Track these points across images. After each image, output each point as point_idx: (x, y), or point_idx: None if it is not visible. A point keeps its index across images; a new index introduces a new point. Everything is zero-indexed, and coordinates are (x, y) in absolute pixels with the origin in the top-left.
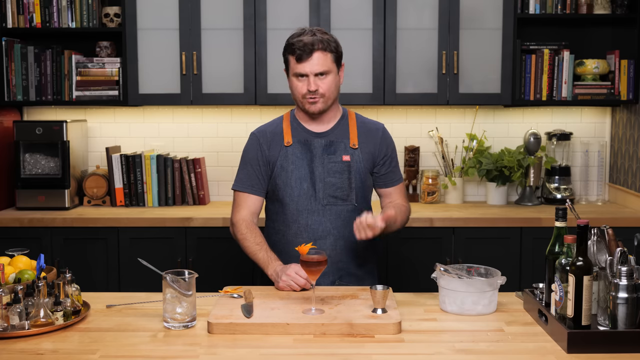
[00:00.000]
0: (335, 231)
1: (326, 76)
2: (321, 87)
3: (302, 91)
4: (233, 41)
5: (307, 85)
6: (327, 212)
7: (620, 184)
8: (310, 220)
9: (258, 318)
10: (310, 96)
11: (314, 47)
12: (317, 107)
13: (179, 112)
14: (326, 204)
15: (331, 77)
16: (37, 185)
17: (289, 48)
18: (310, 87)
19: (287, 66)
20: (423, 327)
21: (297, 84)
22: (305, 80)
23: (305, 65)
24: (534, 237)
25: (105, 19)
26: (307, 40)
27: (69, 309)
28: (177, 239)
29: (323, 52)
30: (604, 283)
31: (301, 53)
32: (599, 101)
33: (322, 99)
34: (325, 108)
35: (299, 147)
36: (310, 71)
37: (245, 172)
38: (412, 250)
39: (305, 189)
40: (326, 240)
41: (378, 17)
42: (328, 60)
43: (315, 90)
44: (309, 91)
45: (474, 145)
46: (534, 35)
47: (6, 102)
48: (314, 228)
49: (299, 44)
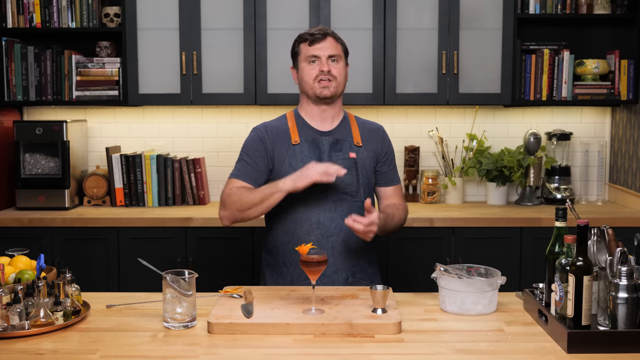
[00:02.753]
0: (346, 227)
1: (338, 62)
2: (334, 69)
3: (315, 73)
4: (233, 41)
5: (319, 66)
6: (338, 208)
7: (620, 184)
8: (322, 217)
9: (258, 318)
10: (323, 77)
11: (327, 32)
12: (330, 91)
13: (179, 112)
14: (337, 200)
15: (342, 64)
16: (37, 185)
17: (300, 38)
18: (324, 67)
19: (297, 57)
20: (423, 327)
21: (309, 67)
22: (317, 64)
23: (318, 47)
24: (534, 237)
25: (105, 19)
26: (319, 27)
27: (69, 309)
28: (177, 239)
29: (335, 40)
30: (604, 283)
31: (314, 37)
32: (599, 101)
33: (334, 83)
34: (335, 94)
35: (307, 146)
36: (323, 54)
37: (242, 162)
38: (412, 250)
39: (315, 187)
40: (338, 237)
41: (378, 17)
42: (339, 48)
43: (329, 70)
44: (322, 72)
45: (474, 145)
46: (534, 35)
47: (6, 102)
48: (326, 225)
49: (311, 30)
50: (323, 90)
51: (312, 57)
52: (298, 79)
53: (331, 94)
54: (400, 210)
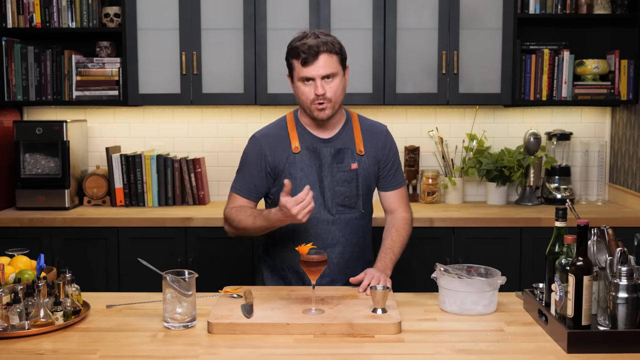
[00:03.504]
0: (343, 239)
1: (333, 79)
2: (328, 91)
3: (310, 97)
4: (233, 41)
5: (314, 89)
6: (336, 221)
7: (620, 184)
8: (320, 230)
9: (258, 318)
10: (318, 102)
11: (319, 49)
12: (326, 114)
13: (179, 112)
14: (335, 212)
15: (338, 80)
16: (37, 185)
17: (293, 52)
18: (318, 91)
19: (291, 71)
20: (423, 327)
21: (304, 89)
22: (311, 85)
23: (311, 69)
24: (534, 237)
25: (105, 19)
26: (311, 42)
27: (69, 309)
28: (177, 239)
29: (329, 54)
30: (604, 283)
31: (307, 56)
32: (599, 101)
33: (330, 104)
34: (333, 113)
35: (307, 155)
36: (317, 74)
37: (241, 175)
38: (412, 250)
39: (315, 198)
40: (335, 249)
41: (378, 17)
42: (334, 62)
43: (323, 94)
44: (317, 96)
45: (474, 145)
46: (534, 35)
47: (6, 102)
48: (324, 237)
49: (303, 47)
50: (320, 114)
51: (305, 78)
52: (294, 91)
53: (327, 116)
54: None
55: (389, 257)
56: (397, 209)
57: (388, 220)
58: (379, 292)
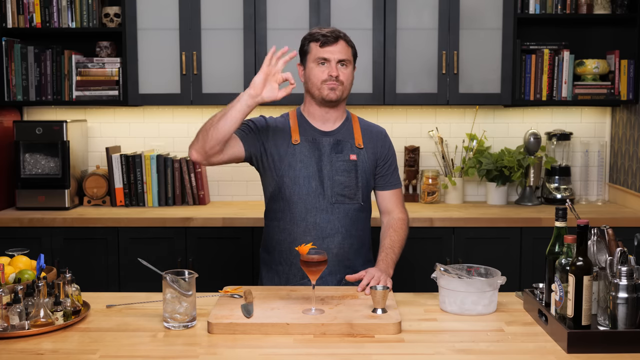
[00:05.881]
0: (343, 229)
1: (347, 66)
2: (342, 74)
3: (323, 76)
4: (233, 41)
5: (328, 70)
6: (335, 210)
7: (620, 184)
8: (319, 219)
9: (258, 318)
10: (330, 81)
11: (339, 35)
12: (336, 94)
13: (179, 112)
14: (334, 202)
15: (350, 69)
16: (37, 185)
17: (311, 37)
18: (333, 72)
19: (305, 56)
20: (423, 327)
21: (317, 69)
22: (326, 66)
23: (329, 50)
24: (534, 237)
25: (105, 19)
26: (331, 30)
27: (69, 309)
28: (177, 239)
29: (346, 44)
30: (604, 283)
31: (326, 39)
32: (599, 101)
33: (341, 87)
34: (341, 97)
35: (307, 146)
36: (334, 57)
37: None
38: (412, 250)
39: (314, 187)
40: (334, 239)
41: (378, 17)
42: (349, 52)
43: (337, 76)
44: (330, 76)
45: (474, 145)
46: (534, 35)
47: (6, 102)
48: (322, 226)
49: (323, 31)
50: (329, 93)
51: (321, 59)
52: (304, 77)
53: (337, 98)
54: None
55: (390, 257)
56: (394, 210)
57: (385, 221)
58: (379, 292)
